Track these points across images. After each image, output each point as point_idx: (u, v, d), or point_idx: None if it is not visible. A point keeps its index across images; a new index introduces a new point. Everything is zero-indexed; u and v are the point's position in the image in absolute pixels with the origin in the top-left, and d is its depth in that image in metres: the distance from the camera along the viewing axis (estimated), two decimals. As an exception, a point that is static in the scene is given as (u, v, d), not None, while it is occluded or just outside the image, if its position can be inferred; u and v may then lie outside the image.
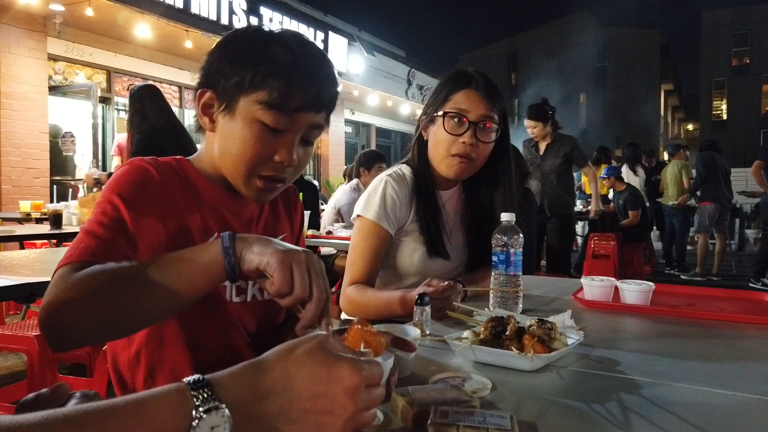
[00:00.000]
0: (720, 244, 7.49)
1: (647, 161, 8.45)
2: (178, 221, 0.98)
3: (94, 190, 3.78)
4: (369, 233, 1.58)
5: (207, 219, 1.02)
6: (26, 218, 4.80)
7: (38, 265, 2.24)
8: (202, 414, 0.51)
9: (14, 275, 1.85)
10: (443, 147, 1.57)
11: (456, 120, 1.54)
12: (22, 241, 4.00)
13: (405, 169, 1.67)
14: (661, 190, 7.95)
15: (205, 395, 0.52)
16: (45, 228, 3.92)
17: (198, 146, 1.20)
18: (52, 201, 5.64)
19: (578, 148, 4.85)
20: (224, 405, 0.52)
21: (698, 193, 7.29)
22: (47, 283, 0.84)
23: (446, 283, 1.28)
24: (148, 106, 3.60)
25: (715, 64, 28.84)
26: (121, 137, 5.94)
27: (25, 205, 4.94)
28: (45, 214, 4.75)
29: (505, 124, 1.60)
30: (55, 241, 4.20)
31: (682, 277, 7.45)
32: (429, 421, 0.66)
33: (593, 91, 29.83)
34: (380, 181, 1.63)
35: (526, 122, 4.74)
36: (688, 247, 8.17)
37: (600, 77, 30.16)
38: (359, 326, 0.71)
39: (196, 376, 0.54)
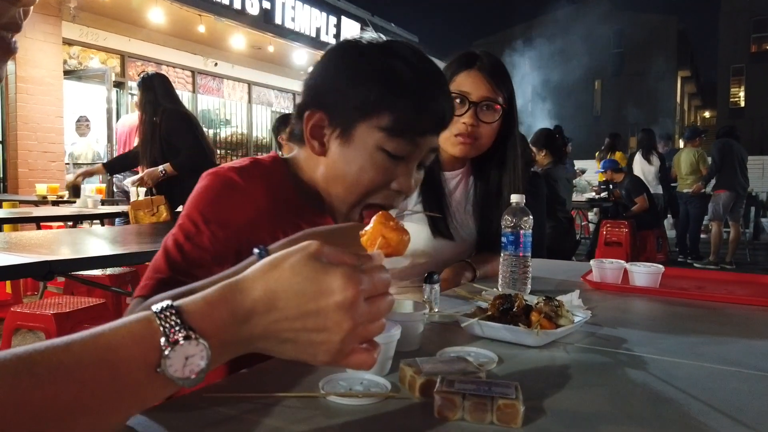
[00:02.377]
0: (734, 232, 7.42)
1: (663, 145, 8.30)
2: (254, 227, 0.92)
3: (154, 191, 3.71)
4: None
5: (285, 228, 0.94)
6: (42, 201, 4.87)
7: (55, 244, 2.28)
8: (172, 344, 0.46)
9: (33, 254, 1.89)
10: None
11: (458, 101, 1.55)
12: (39, 222, 4.07)
13: None
14: (673, 176, 7.84)
15: (174, 322, 0.47)
16: (61, 210, 3.98)
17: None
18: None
19: None
20: (197, 332, 0.48)
21: (713, 180, 7.21)
22: (64, 261, 0.86)
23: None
24: (161, 93, 3.67)
25: (733, 50, 28.28)
26: (120, 124, 5.98)
27: (41, 188, 5.01)
28: (61, 196, 4.83)
29: (511, 105, 1.60)
30: (71, 223, 4.26)
31: (695, 265, 7.38)
32: (435, 389, 0.68)
33: (609, 78, 29.43)
34: None
35: None
36: (702, 236, 8.10)
37: (616, 63, 29.71)
38: (382, 219, 0.63)
39: (164, 303, 0.49)
